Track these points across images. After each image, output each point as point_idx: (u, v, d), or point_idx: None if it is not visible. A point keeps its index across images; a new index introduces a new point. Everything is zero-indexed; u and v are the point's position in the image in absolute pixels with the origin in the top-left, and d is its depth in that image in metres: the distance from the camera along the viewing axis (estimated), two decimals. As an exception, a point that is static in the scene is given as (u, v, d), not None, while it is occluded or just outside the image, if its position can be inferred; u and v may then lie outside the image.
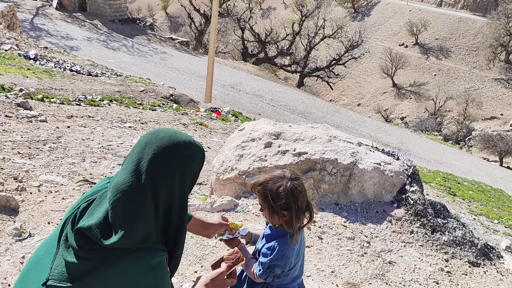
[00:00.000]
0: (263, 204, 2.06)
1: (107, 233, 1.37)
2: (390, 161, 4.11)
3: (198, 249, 3.17)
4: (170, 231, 1.47)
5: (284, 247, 2.08)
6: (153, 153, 1.43)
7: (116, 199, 1.39)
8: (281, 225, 2.11)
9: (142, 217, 1.39)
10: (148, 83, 12.24)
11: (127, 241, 1.37)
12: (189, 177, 1.50)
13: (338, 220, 3.66)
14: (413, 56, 41.41)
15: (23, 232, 3.08)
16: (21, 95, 7.13)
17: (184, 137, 1.51)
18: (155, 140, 1.45)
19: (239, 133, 4.33)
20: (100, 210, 1.42)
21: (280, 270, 2.11)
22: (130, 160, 1.45)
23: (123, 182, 1.41)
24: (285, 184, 2.00)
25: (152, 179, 1.40)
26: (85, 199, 1.50)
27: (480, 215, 7.19)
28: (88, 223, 1.38)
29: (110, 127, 6.48)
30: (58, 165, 4.44)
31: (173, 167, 1.44)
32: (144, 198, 1.40)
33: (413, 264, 3.34)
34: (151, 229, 1.41)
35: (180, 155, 1.46)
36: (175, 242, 1.50)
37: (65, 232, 1.43)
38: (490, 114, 34.79)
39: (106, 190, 1.49)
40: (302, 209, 2.04)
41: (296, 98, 19.32)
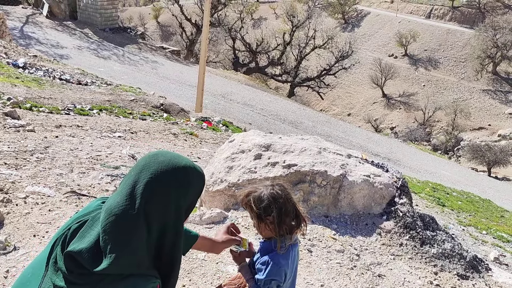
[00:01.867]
0: (251, 214, 2.08)
1: (98, 258, 1.32)
2: (380, 173, 4.12)
3: (187, 262, 3.14)
4: (163, 257, 1.41)
5: (278, 260, 2.08)
6: (150, 177, 1.37)
7: (108, 222, 1.34)
8: (272, 238, 2.11)
9: (134, 242, 1.34)
10: (139, 92, 12.20)
11: (118, 267, 1.32)
12: (185, 204, 1.43)
13: (328, 233, 3.65)
14: (403, 66, 41.90)
15: (7, 245, 3.02)
16: (9, 104, 7.05)
17: (184, 162, 1.44)
18: (153, 163, 1.40)
19: (229, 144, 4.32)
20: (92, 233, 1.37)
21: (276, 285, 2.10)
22: (126, 182, 1.39)
23: (117, 206, 1.36)
24: (265, 190, 2.04)
25: (147, 204, 1.35)
26: (77, 219, 1.45)
27: (468, 225, 7.23)
28: (78, 246, 1.34)
29: (99, 137, 6.43)
30: (45, 176, 4.39)
31: (170, 193, 1.38)
32: (137, 223, 1.35)
33: (402, 277, 3.33)
34: (143, 255, 1.36)
35: (178, 180, 1.40)
36: (170, 269, 1.43)
37: (54, 253, 1.38)
38: (478, 124, 35.23)
39: (99, 212, 1.44)
40: (287, 212, 2.05)
41: (287, 108, 19.39)
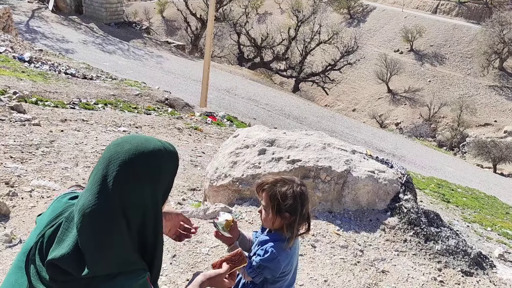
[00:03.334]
0: (268, 203, 2.06)
1: (82, 262, 1.27)
2: (384, 169, 4.11)
3: (191, 256, 3.15)
4: (146, 246, 1.38)
5: (278, 251, 2.08)
6: (118, 168, 1.30)
7: (83, 224, 1.28)
8: (278, 229, 2.12)
9: (114, 240, 1.29)
10: (144, 86, 12.21)
11: (104, 268, 1.28)
12: (161, 189, 1.38)
13: (332, 228, 3.65)
14: (408, 62, 41.66)
15: (13, 238, 3.05)
16: (15, 98, 7.08)
17: (153, 145, 1.38)
18: (120, 153, 1.32)
19: (233, 139, 4.32)
20: (70, 236, 1.30)
21: (269, 274, 2.11)
22: (95, 178, 1.32)
23: (89, 205, 1.28)
24: (295, 187, 2.02)
25: (121, 197, 1.29)
26: (49, 223, 1.38)
27: (473, 222, 7.21)
28: (59, 253, 1.27)
29: (104, 131, 6.45)
30: (51, 169, 4.41)
31: (143, 181, 1.32)
32: (114, 219, 1.29)
33: (406, 274, 3.33)
34: (127, 250, 1.31)
35: (149, 166, 1.34)
36: (153, 256, 1.40)
37: (35, 263, 1.32)
38: (484, 120, 35.03)
39: (71, 211, 1.37)
40: (304, 216, 2.05)
41: (291, 103, 19.35)
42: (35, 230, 1.42)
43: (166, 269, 2.99)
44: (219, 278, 1.81)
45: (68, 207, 1.43)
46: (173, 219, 1.91)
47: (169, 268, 3.02)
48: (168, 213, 1.89)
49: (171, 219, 1.92)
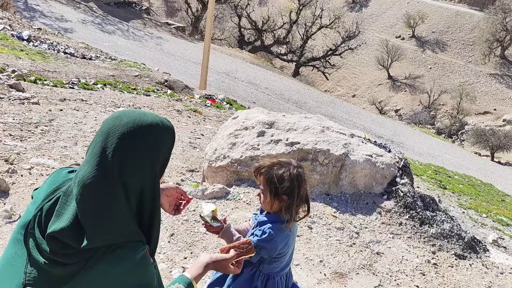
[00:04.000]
0: (266, 187, 2.08)
1: (82, 234, 1.29)
2: (382, 153, 4.13)
3: (188, 235, 3.19)
4: (144, 217, 1.41)
5: (276, 232, 2.11)
6: (116, 141, 1.32)
7: (82, 195, 1.30)
8: (277, 212, 2.14)
9: (113, 211, 1.31)
10: (143, 68, 12.15)
11: (103, 239, 1.30)
12: (159, 161, 1.41)
13: (328, 211, 3.69)
14: (409, 48, 41.42)
15: (13, 214, 3.08)
16: (14, 76, 7.05)
17: (150, 119, 1.40)
18: (118, 126, 1.35)
19: (233, 121, 4.33)
20: (69, 209, 1.32)
21: (266, 254, 2.14)
22: (94, 150, 1.34)
23: (88, 176, 1.30)
24: (291, 169, 2.04)
25: (120, 169, 1.31)
26: (47, 197, 1.40)
27: (469, 208, 7.27)
28: (59, 226, 1.29)
29: (103, 112, 6.44)
30: (50, 148, 4.42)
31: (141, 154, 1.35)
32: (113, 190, 1.31)
33: (400, 256, 3.38)
34: (126, 221, 1.34)
35: (147, 140, 1.37)
36: (150, 226, 1.43)
37: (34, 236, 1.34)
38: (483, 109, 35.01)
39: (69, 185, 1.38)
40: (302, 198, 2.07)
41: (291, 88, 19.29)
42: (33, 204, 1.44)
43: (164, 247, 3.03)
44: (225, 262, 1.83)
45: (66, 181, 1.44)
46: (172, 194, 1.94)
47: (167, 246, 3.05)
48: (167, 188, 1.92)
49: (171, 195, 1.95)
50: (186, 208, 3.48)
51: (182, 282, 1.71)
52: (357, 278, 3.03)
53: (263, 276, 2.25)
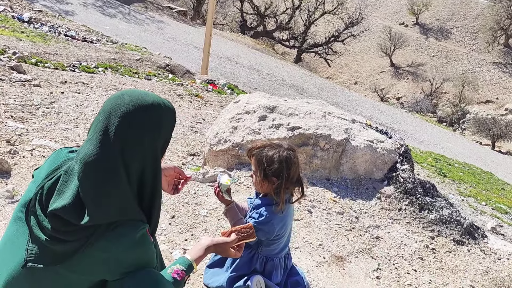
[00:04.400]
0: (256, 168, 2.11)
1: (82, 211, 1.31)
2: (383, 139, 4.14)
3: (189, 218, 3.21)
4: (145, 196, 1.42)
5: (271, 214, 2.14)
6: (119, 120, 1.33)
7: (84, 173, 1.31)
8: (269, 194, 2.17)
9: (114, 188, 1.32)
10: (144, 52, 12.08)
11: (104, 216, 1.32)
12: (160, 141, 1.42)
13: (329, 195, 3.70)
14: (413, 36, 41.10)
15: (15, 195, 3.10)
16: (15, 58, 7.03)
17: (152, 98, 1.41)
18: (120, 105, 1.35)
19: (234, 105, 4.32)
20: (70, 187, 1.34)
21: (264, 236, 2.17)
22: (96, 128, 1.35)
23: (91, 154, 1.31)
24: (281, 152, 2.06)
25: (121, 147, 1.33)
26: (48, 176, 1.41)
27: (468, 196, 7.30)
28: (60, 203, 1.31)
29: (105, 95, 6.43)
30: (51, 130, 4.43)
31: (143, 132, 1.36)
32: (115, 168, 1.32)
33: (399, 240, 3.41)
34: (126, 199, 1.35)
35: (149, 119, 1.37)
36: (151, 206, 1.45)
37: (36, 214, 1.36)
38: (485, 97, 34.89)
39: (70, 164, 1.39)
40: (292, 180, 2.09)
41: (293, 74, 19.21)
42: (34, 183, 1.45)
43: (165, 229, 3.05)
44: (225, 246, 1.86)
45: (66, 160, 1.46)
46: (170, 174, 1.96)
47: (168, 228, 3.08)
48: (165, 168, 1.93)
49: (169, 175, 1.97)
50: (187, 190, 3.51)
51: (183, 264, 1.74)
52: (355, 262, 3.05)
53: (261, 258, 2.28)
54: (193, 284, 2.52)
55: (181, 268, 1.71)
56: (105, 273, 1.38)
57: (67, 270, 1.34)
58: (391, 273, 3.02)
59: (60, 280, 1.35)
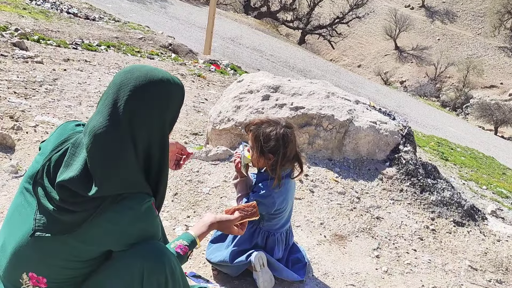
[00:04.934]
0: (253, 144, 2.13)
1: (90, 183, 1.33)
2: (386, 121, 4.13)
3: (192, 195, 3.24)
4: (152, 170, 1.44)
5: (271, 189, 2.17)
6: (128, 93, 1.35)
7: (93, 144, 1.33)
8: (267, 170, 2.20)
9: (122, 160, 1.34)
10: (147, 30, 11.98)
11: (111, 188, 1.33)
12: (168, 116, 1.44)
13: (330, 175, 3.72)
14: (418, 19, 40.61)
15: (19, 170, 3.12)
16: (17, 35, 6.98)
17: (161, 74, 1.42)
18: (130, 79, 1.37)
19: (238, 84, 4.31)
20: (78, 159, 1.36)
21: (264, 210, 2.20)
22: (106, 101, 1.37)
23: (100, 126, 1.33)
24: (278, 129, 2.07)
25: (130, 120, 1.34)
26: (55, 148, 1.42)
27: (469, 180, 7.31)
28: (68, 175, 1.33)
29: (107, 73, 6.41)
30: (54, 107, 4.43)
31: (151, 106, 1.37)
32: (123, 141, 1.34)
33: (399, 221, 3.43)
34: (133, 172, 1.37)
35: (158, 94, 1.39)
36: (158, 180, 1.47)
37: (43, 185, 1.37)
38: (490, 82, 34.65)
39: (77, 137, 1.41)
40: (288, 157, 2.11)
41: (297, 55, 19.06)
42: (40, 155, 1.47)
43: (167, 205, 3.08)
44: (229, 223, 1.88)
45: (73, 133, 1.47)
46: (172, 150, 1.98)
47: (171, 205, 3.10)
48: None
49: (171, 150, 1.98)
50: (190, 168, 3.52)
51: (186, 239, 1.76)
52: (356, 241, 3.09)
53: (263, 233, 2.31)
54: (195, 260, 2.56)
55: (184, 243, 1.74)
56: (111, 243, 1.41)
57: (74, 240, 1.36)
58: (390, 252, 3.05)
59: (67, 249, 1.37)
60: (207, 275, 2.45)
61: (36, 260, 1.39)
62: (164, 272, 1.47)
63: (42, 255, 1.38)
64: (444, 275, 2.95)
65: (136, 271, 1.42)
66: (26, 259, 1.40)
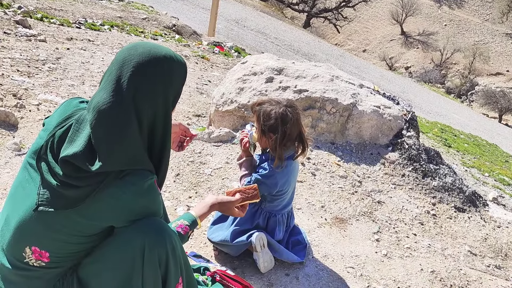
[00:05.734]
0: (257, 123, 2.15)
1: (93, 158, 1.33)
2: (390, 105, 4.11)
3: (194, 176, 3.25)
4: (155, 147, 1.44)
5: (273, 169, 2.17)
6: (132, 70, 1.35)
7: (97, 120, 1.33)
8: (269, 150, 2.21)
9: (126, 136, 1.35)
10: (151, 11, 11.87)
11: (114, 163, 1.34)
12: (171, 92, 1.44)
13: (333, 159, 3.72)
14: (426, 3, 40.05)
15: (22, 147, 3.13)
16: (20, 12, 6.93)
17: (164, 51, 1.43)
18: (133, 55, 1.37)
19: (241, 66, 4.28)
20: (82, 135, 1.36)
21: (266, 191, 2.20)
22: (109, 78, 1.37)
23: (104, 102, 1.33)
24: (277, 108, 2.08)
25: (134, 96, 1.35)
26: (59, 124, 1.42)
27: (472, 167, 7.30)
28: (72, 150, 1.33)
29: (110, 53, 6.37)
30: (57, 85, 4.42)
31: (155, 82, 1.38)
32: (127, 116, 1.34)
33: (400, 205, 3.44)
34: (137, 148, 1.37)
35: (161, 70, 1.39)
36: (160, 158, 1.47)
37: (47, 161, 1.38)
38: (496, 70, 34.32)
39: (81, 114, 1.41)
40: (290, 137, 2.11)
41: (301, 39, 18.89)
42: (44, 131, 1.47)
43: (169, 186, 3.09)
44: (230, 205, 1.90)
45: (77, 110, 1.47)
46: (175, 131, 1.97)
47: (173, 185, 3.12)
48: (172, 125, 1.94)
49: (174, 132, 1.98)
50: (192, 149, 3.53)
51: (187, 219, 1.78)
52: (356, 224, 3.10)
53: (264, 213, 2.32)
54: (196, 239, 2.58)
55: (186, 223, 1.75)
56: (113, 219, 1.42)
57: (77, 215, 1.37)
58: (391, 236, 3.07)
59: (70, 224, 1.39)
60: (208, 255, 2.47)
61: (39, 234, 1.41)
62: (165, 247, 1.48)
63: (45, 230, 1.40)
64: (443, 259, 2.97)
65: (137, 246, 1.44)
66: (29, 233, 1.41)
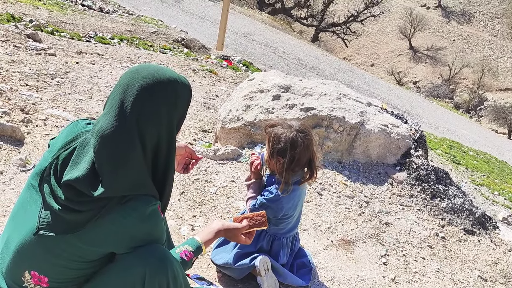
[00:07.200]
0: (267, 145, 2.12)
1: (96, 183, 1.32)
2: (398, 124, 4.06)
3: (198, 195, 3.21)
4: (159, 171, 1.43)
5: (280, 193, 2.14)
6: (136, 93, 1.33)
7: (101, 145, 1.32)
8: (276, 174, 2.18)
9: (130, 161, 1.33)
10: (160, 25, 11.98)
11: (117, 189, 1.32)
12: (176, 116, 1.43)
13: (339, 178, 3.67)
14: (434, 18, 40.10)
15: (27, 163, 3.12)
16: (31, 26, 7.02)
17: (168, 74, 1.41)
18: (137, 79, 1.36)
19: (248, 83, 4.27)
20: (85, 159, 1.35)
21: (271, 214, 2.17)
22: (113, 102, 1.36)
23: (107, 127, 1.32)
24: (288, 132, 2.05)
25: (138, 121, 1.33)
26: (64, 147, 1.42)
27: (481, 185, 7.20)
28: (75, 174, 1.32)
29: (119, 67, 6.41)
30: (65, 100, 4.43)
31: (159, 107, 1.36)
32: (131, 141, 1.33)
33: (409, 227, 3.38)
34: (141, 173, 1.36)
35: (165, 94, 1.38)
36: (164, 181, 1.46)
37: (49, 183, 1.37)
38: (505, 85, 34.14)
39: (86, 137, 1.41)
40: (299, 162, 2.08)
41: (309, 53, 18.94)
42: (49, 153, 1.46)
43: (174, 204, 3.06)
44: (236, 232, 1.86)
45: (83, 132, 1.46)
46: (181, 154, 1.95)
47: (177, 203, 3.09)
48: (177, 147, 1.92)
49: (180, 154, 1.96)
50: (197, 167, 3.50)
51: (192, 245, 1.74)
52: (363, 247, 3.04)
53: (269, 236, 2.28)
54: (199, 261, 2.54)
55: (190, 249, 1.72)
56: (114, 245, 1.39)
57: (78, 240, 1.35)
58: (398, 260, 3.00)
59: (71, 249, 1.36)
60: (211, 277, 2.42)
61: (39, 259, 1.39)
62: (166, 275, 1.45)
63: (45, 254, 1.37)
64: (452, 285, 2.89)
65: (138, 274, 1.41)
66: (29, 257, 1.39)
